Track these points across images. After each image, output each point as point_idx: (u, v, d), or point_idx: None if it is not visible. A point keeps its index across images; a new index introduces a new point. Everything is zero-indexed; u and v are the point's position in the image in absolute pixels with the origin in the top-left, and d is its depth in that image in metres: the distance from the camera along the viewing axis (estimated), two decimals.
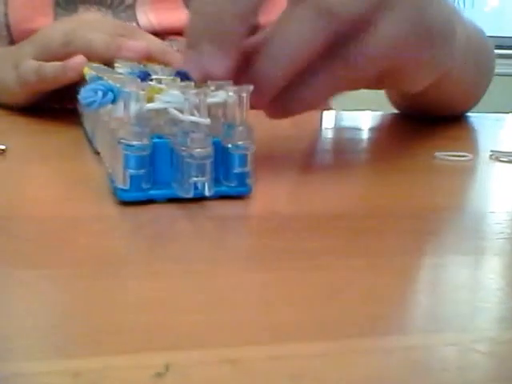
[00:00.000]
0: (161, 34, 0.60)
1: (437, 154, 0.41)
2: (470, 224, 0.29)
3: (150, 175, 0.28)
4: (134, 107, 0.27)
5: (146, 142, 0.28)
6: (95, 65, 0.44)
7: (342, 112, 0.64)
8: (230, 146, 0.29)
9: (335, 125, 0.59)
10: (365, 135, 0.52)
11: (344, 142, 0.49)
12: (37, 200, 0.30)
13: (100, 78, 0.35)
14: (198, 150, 0.27)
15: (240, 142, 0.29)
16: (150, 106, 0.28)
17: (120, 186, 0.28)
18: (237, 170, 0.29)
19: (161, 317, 0.18)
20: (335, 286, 0.21)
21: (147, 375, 0.15)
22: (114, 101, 0.29)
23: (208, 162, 0.28)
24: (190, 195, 0.28)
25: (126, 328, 0.18)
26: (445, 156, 0.40)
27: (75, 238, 0.24)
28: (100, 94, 0.28)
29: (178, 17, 0.60)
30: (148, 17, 0.60)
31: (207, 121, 0.28)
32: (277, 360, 0.16)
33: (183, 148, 0.27)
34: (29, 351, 0.16)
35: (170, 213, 0.28)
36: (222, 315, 0.19)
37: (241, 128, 0.29)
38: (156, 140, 0.28)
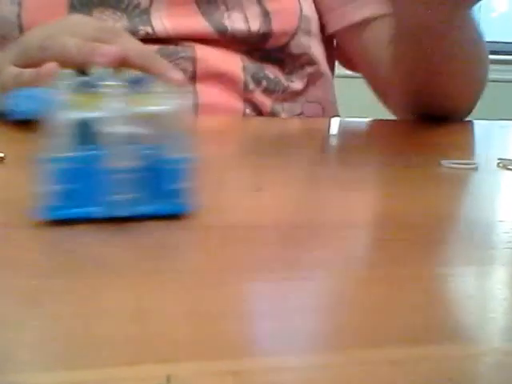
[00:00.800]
0: (175, 39, 0.60)
1: (442, 161, 0.41)
2: (478, 233, 0.28)
3: (76, 191, 0.25)
4: (61, 116, 0.25)
5: (73, 154, 0.25)
6: (67, 71, 0.43)
7: (347, 119, 0.64)
8: (166, 159, 0.26)
9: (340, 132, 0.59)
10: (369, 142, 0.52)
11: (349, 149, 0.49)
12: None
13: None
14: (128, 163, 0.25)
15: (178, 155, 0.26)
16: (77, 115, 0.25)
17: (43, 203, 0.25)
18: (174, 185, 0.26)
19: (162, 328, 0.18)
20: (340, 297, 0.21)
21: None
22: (39, 109, 0.26)
23: (140, 177, 0.25)
24: (117, 213, 0.25)
25: (128, 339, 0.17)
26: (451, 164, 0.40)
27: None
28: (26, 101, 0.27)
29: (192, 23, 0.60)
30: (163, 22, 0.60)
31: (142, 132, 0.26)
32: (279, 372, 0.16)
33: (113, 162, 0.25)
34: (29, 363, 0.16)
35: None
36: (223, 327, 0.18)
37: (178, 139, 0.26)
38: (85, 153, 0.26)
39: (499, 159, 0.42)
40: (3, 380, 0.15)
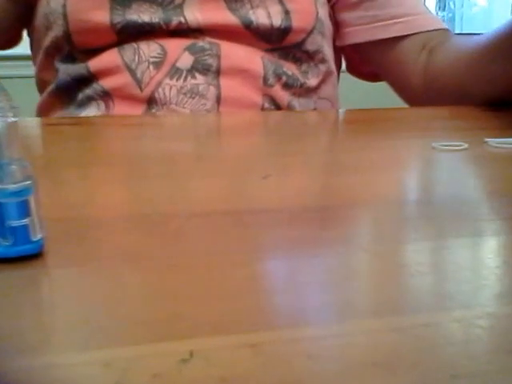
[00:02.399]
0: (204, 31, 0.64)
1: (434, 144, 0.41)
2: (469, 208, 0.29)
3: None
4: None
5: None
6: None
7: (345, 109, 0.65)
8: None
9: (346, 121, 0.60)
10: (365, 130, 0.52)
11: (346, 136, 0.50)
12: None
13: None
14: None
15: (14, 186, 0.21)
16: None
17: None
18: (13, 222, 0.21)
19: (183, 308, 0.19)
20: (345, 272, 0.21)
21: (173, 361, 0.16)
22: None
23: None
24: None
25: (152, 319, 0.18)
26: (442, 146, 0.41)
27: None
28: None
29: (220, 17, 0.64)
30: (194, 14, 0.63)
31: None
32: (294, 342, 0.17)
33: None
34: (63, 344, 0.17)
35: None
36: (240, 304, 0.19)
37: (13, 167, 0.22)
38: None
39: (485, 140, 0.43)
40: (41, 361, 0.16)
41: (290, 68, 0.66)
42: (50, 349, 0.17)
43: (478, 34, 0.62)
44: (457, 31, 2.81)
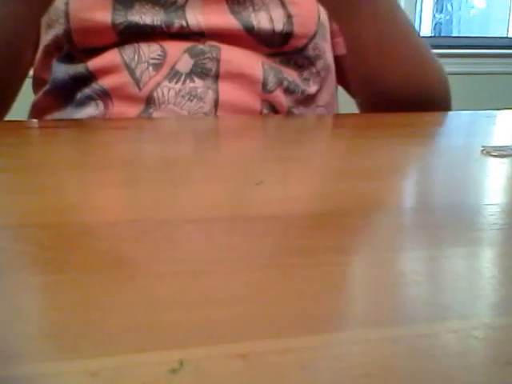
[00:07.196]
0: (205, 34, 0.63)
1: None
2: (466, 217, 0.29)
3: None
4: None
5: None
6: None
7: (343, 114, 0.66)
8: None
9: (335, 125, 0.60)
10: (362, 135, 0.52)
11: (343, 141, 0.50)
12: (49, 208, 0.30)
13: None
14: None
15: None
16: None
17: None
18: None
19: (172, 316, 0.19)
20: (339, 281, 0.21)
21: (162, 371, 0.16)
22: None
23: None
24: None
25: (141, 327, 0.18)
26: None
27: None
28: None
29: (222, 21, 0.64)
30: (196, 17, 0.63)
31: None
32: (286, 353, 0.17)
33: None
34: (47, 352, 0.17)
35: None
36: (232, 312, 0.19)
37: None
38: None
39: (483, 146, 0.43)
40: (26, 370, 0.16)
41: (290, 74, 0.66)
42: (36, 357, 0.16)
43: (476, 36, 0.62)
44: (454, 34, 2.83)
